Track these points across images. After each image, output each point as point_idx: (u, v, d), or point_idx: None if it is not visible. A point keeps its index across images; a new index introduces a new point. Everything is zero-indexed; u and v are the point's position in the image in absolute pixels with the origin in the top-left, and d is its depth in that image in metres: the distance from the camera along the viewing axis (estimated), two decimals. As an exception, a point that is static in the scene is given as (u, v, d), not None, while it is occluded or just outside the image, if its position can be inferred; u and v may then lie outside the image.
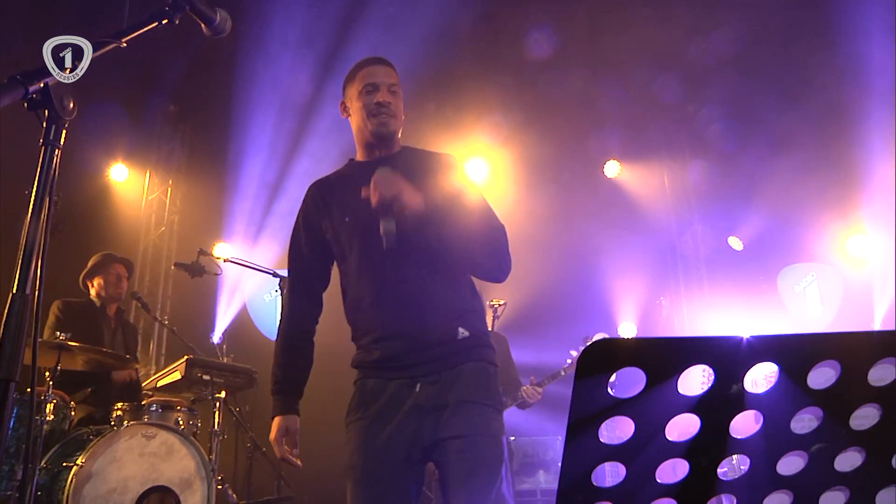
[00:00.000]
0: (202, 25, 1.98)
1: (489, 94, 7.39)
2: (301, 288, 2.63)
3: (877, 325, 7.97)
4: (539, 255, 6.86)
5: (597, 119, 7.76)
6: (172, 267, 6.67)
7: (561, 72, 7.17)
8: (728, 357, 0.82)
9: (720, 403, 0.87)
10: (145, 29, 1.81)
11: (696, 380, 0.89)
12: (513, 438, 6.52)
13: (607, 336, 1.91)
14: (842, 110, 6.97)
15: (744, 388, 0.86)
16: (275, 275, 5.60)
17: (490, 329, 5.18)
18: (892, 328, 7.55)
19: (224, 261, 5.59)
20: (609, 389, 0.81)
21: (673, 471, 0.91)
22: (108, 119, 7.04)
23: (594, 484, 0.84)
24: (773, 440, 0.92)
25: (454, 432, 2.25)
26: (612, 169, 8.23)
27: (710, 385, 0.84)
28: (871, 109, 6.61)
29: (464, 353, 2.36)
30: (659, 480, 0.87)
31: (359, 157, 2.63)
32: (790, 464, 0.96)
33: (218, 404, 4.78)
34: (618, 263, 7.62)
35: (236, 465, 5.59)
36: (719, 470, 0.91)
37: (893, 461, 0.96)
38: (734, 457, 0.95)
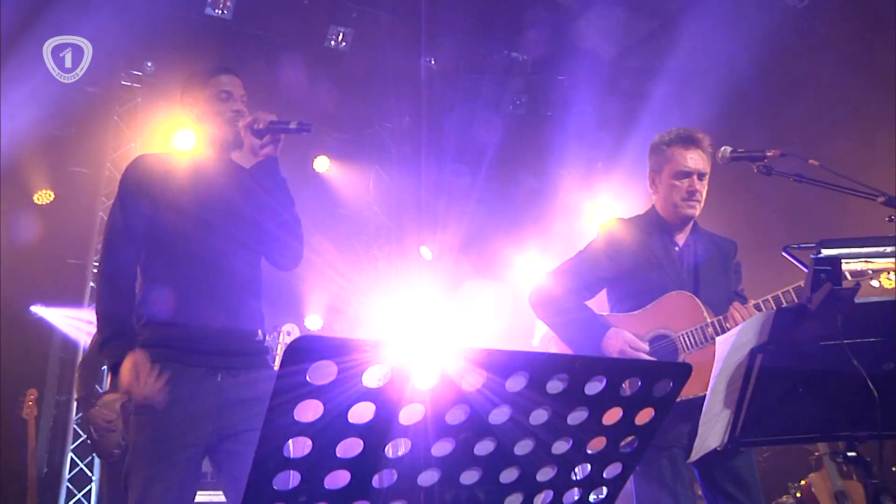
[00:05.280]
0: None
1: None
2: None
3: (536, 342, 9.09)
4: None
5: (316, 115, 7.86)
6: None
7: (295, 68, 7.11)
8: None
9: (392, 396, 1.07)
10: None
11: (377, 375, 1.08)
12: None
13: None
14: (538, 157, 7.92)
15: (414, 385, 1.06)
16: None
17: None
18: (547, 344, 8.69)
19: None
20: (307, 377, 0.97)
21: (350, 448, 1.09)
22: None
23: (284, 455, 0.99)
24: (433, 427, 1.14)
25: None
26: (322, 164, 8.38)
27: (385, 380, 1.03)
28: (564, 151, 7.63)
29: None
30: (338, 455, 1.05)
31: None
32: (442, 448, 1.19)
33: None
34: (315, 258, 7.80)
35: None
36: (386, 448, 1.11)
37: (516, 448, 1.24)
38: (401, 440, 1.16)
